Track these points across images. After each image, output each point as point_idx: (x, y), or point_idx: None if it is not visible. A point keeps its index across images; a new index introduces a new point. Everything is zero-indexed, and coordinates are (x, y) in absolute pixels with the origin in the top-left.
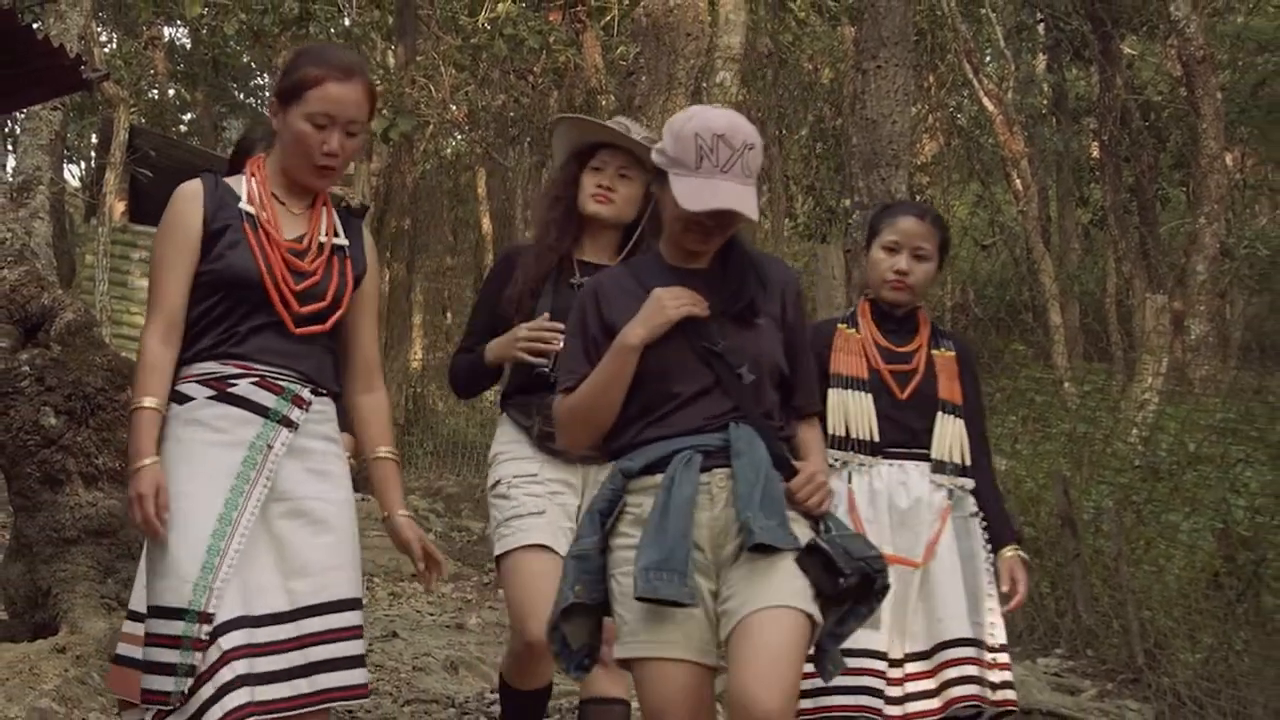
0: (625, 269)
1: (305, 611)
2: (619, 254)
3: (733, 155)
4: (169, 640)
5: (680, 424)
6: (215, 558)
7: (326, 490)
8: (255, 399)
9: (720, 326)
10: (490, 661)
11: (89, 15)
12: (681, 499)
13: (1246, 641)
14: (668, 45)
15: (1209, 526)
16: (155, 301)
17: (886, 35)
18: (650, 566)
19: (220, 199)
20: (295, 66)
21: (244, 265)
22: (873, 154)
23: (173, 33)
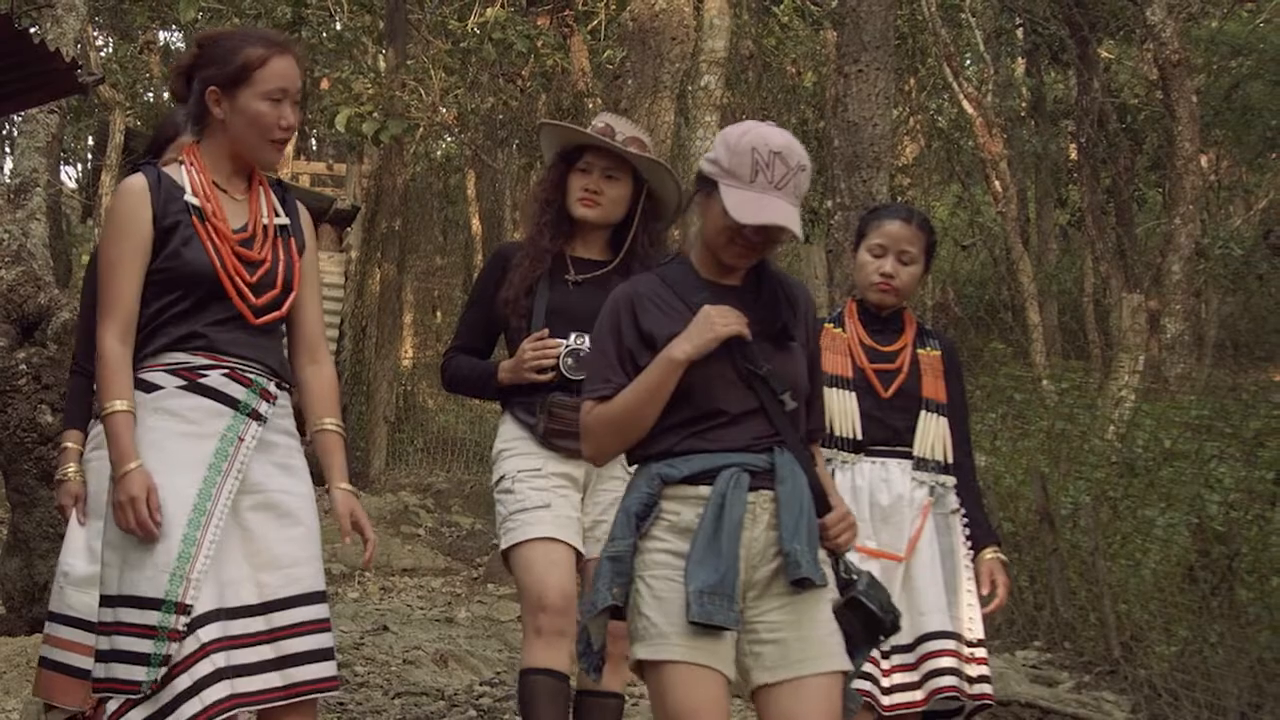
0: (658, 279)
1: (276, 604)
2: (611, 250)
3: (787, 173)
4: (142, 630)
5: (726, 440)
6: (191, 547)
7: (293, 484)
8: (226, 390)
9: (760, 347)
10: (479, 654)
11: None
12: (733, 520)
13: (1220, 634)
14: (653, 49)
15: (1184, 521)
16: (110, 301)
17: (868, 40)
18: (705, 590)
19: (167, 193)
20: (231, 50)
21: (199, 262)
22: (855, 156)
23: (168, 37)
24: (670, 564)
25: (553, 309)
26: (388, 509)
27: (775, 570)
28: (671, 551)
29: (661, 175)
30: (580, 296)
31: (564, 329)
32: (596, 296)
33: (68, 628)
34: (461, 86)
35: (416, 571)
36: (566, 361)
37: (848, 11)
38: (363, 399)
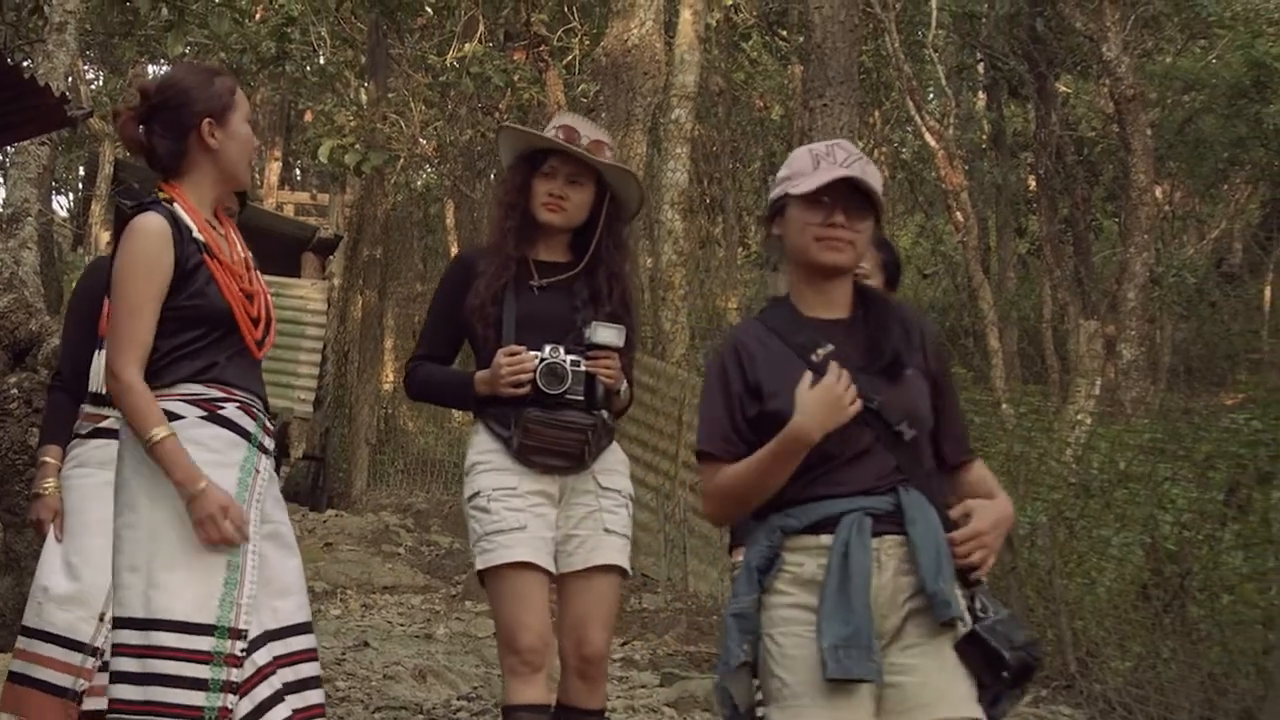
0: (761, 323)
1: (292, 630)
2: (573, 252)
3: (849, 156)
4: (193, 655)
5: (845, 484)
6: (236, 573)
7: (285, 517)
8: (240, 423)
9: (870, 380)
10: (457, 670)
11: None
12: (860, 568)
13: (1173, 650)
14: (626, 83)
15: (1138, 541)
16: (132, 337)
17: (832, 75)
18: (839, 644)
19: (182, 234)
20: (205, 84)
21: (220, 302)
22: None
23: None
24: (797, 619)
25: (521, 316)
26: (369, 528)
27: (905, 616)
28: (798, 605)
29: (625, 179)
30: (546, 301)
31: (535, 337)
32: (562, 300)
33: (47, 644)
34: (441, 119)
35: (397, 589)
36: (542, 374)
37: (813, 48)
38: (345, 422)
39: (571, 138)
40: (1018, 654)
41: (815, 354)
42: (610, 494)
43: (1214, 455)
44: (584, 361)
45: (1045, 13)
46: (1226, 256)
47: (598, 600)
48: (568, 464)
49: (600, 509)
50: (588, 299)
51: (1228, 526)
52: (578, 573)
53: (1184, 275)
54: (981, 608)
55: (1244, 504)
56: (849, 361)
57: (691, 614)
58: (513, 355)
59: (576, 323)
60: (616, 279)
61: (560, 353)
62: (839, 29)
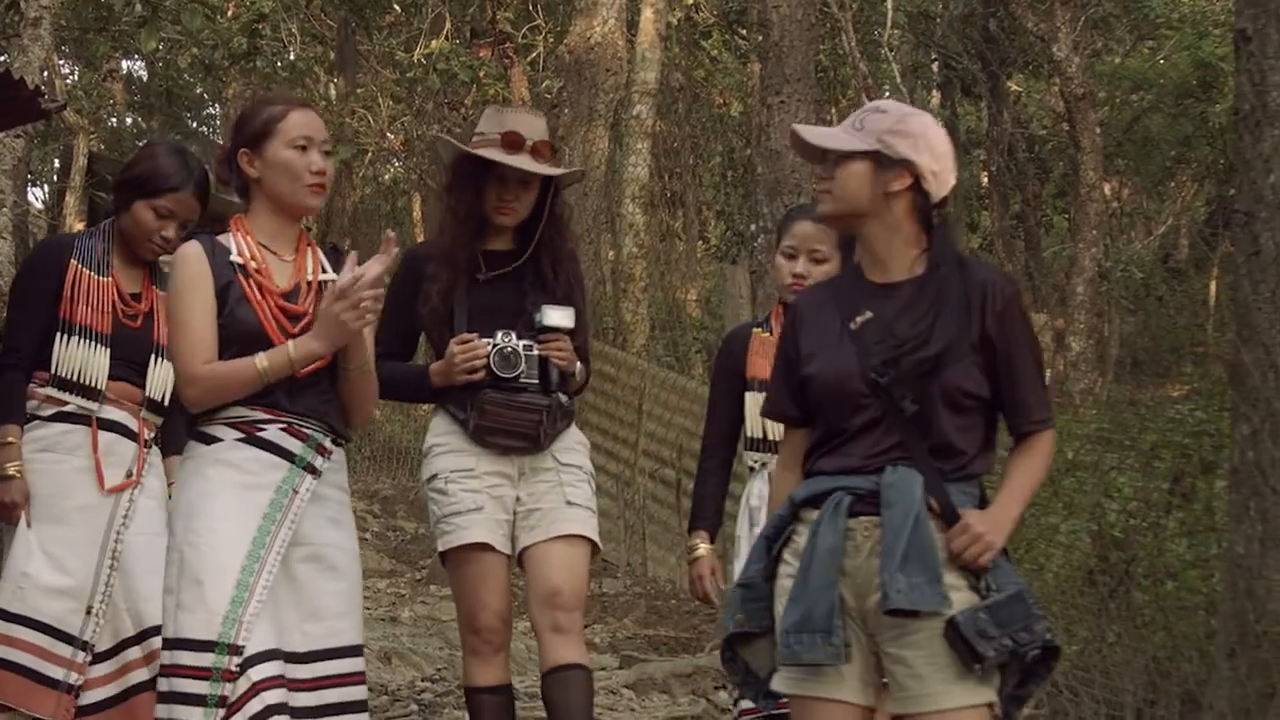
0: (828, 287)
1: (319, 655)
2: (517, 240)
3: (862, 114)
4: (198, 672)
5: (844, 459)
6: (244, 592)
7: (341, 539)
8: (283, 444)
9: (894, 350)
10: (421, 652)
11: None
12: (823, 549)
13: (1118, 634)
14: (589, 80)
15: (1085, 528)
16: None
17: (789, 73)
18: (791, 629)
19: (218, 256)
20: (253, 114)
21: (246, 319)
22: (777, 182)
23: (130, 65)
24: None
25: (472, 308)
26: None
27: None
28: (792, 576)
29: (573, 177)
30: (495, 291)
31: (487, 326)
32: (511, 288)
33: (33, 631)
34: (408, 114)
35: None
36: (495, 360)
37: (771, 46)
38: None
39: (515, 142)
40: (996, 644)
41: (854, 321)
42: (570, 469)
43: (1159, 445)
44: (536, 345)
45: (998, 13)
46: (1173, 252)
47: (564, 557)
48: (524, 444)
49: (561, 483)
50: (535, 284)
51: (1172, 514)
52: (542, 543)
53: (1131, 270)
54: (987, 587)
55: (1188, 493)
56: (888, 331)
57: (650, 598)
58: (464, 343)
59: (526, 309)
60: (561, 263)
61: (512, 338)
62: (796, 28)
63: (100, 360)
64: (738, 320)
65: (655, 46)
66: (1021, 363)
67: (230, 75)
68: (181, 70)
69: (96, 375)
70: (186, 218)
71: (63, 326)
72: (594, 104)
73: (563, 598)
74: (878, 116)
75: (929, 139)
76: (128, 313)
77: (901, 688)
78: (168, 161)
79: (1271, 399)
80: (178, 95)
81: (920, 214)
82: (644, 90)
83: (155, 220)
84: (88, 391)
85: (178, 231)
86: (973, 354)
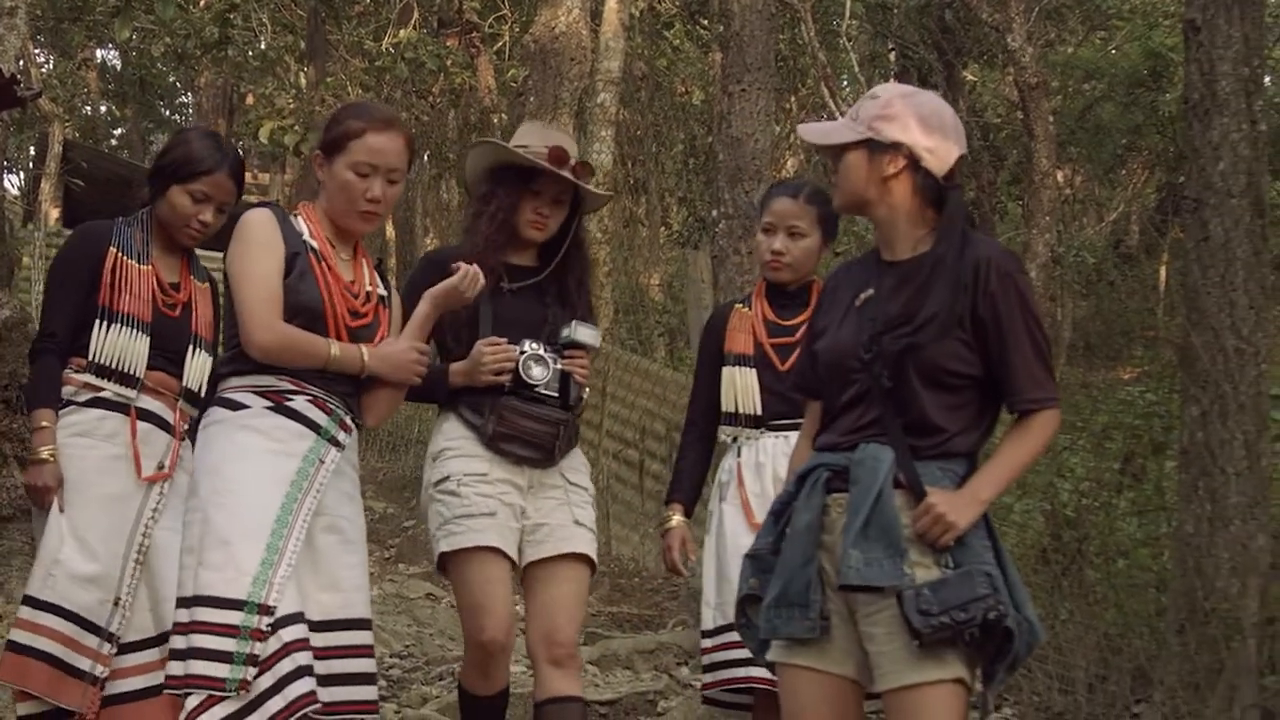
0: (852, 265)
1: (331, 625)
2: (538, 256)
3: (859, 104)
4: (224, 629)
5: (831, 435)
6: (274, 554)
7: (355, 514)
8: (310, 415)
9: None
10: (390, 629)
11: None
12: (801, 525)
13: (1070, 611)
14: (554, 69)
15: (1038, 508)
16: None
17: (750, 62)
18: (771, 603)
19: (287, 226)
20: (339, 120)
21: (311, 295)
22: (737, 169)
23: (104, 54)
24: None
25: (497, 318)
26: None
27: None
28: None
29: (603, 200)
30: (518, 303)
31: (511, 337)
32: (533, 302)
33: (62, 619)
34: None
35: None
36: (527, 369)
37: (732, 36)
38: None
39: (561, 158)
40: (933, 619)
41: (858, 298)
42: (577, 489)
43: (1110, 426)
44: (560, 360)
45: (954, 4)
46: (1124, 238)
47: (566, 589)
48: (537, 456)
49: (570, 502)
50: (557, 300)
51: (1123, 494)
52: (546, 560)
53: (1084, 255)
54: (945, 565)
55: (1138, 473)
56: (885, 309)
57: (614, 576)
58: (495, 345)
59: (547, 322)
60: (583, 285)
61: (541, 347)
62: (756, 18)
63: (140, 348)
64: (699, 303)
65: (619, 36)
66: (1015, 340)
67: (202, 64)
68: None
69: (135, 363)
70: (223, 200)
71: (103, 313)
72: (559, 92)
73: (562, 634)
74: (869, 104)
75: (919, 117)
76: (167, 302)
77: (877, 663)
78: (201, 145)
79: (1220, 381)
80: (151, 84)
81: (925, 191)
82: (608, 79)
83: (192, 205)
84: (126, 379)
85: (215, 215)
86: (961, 331)
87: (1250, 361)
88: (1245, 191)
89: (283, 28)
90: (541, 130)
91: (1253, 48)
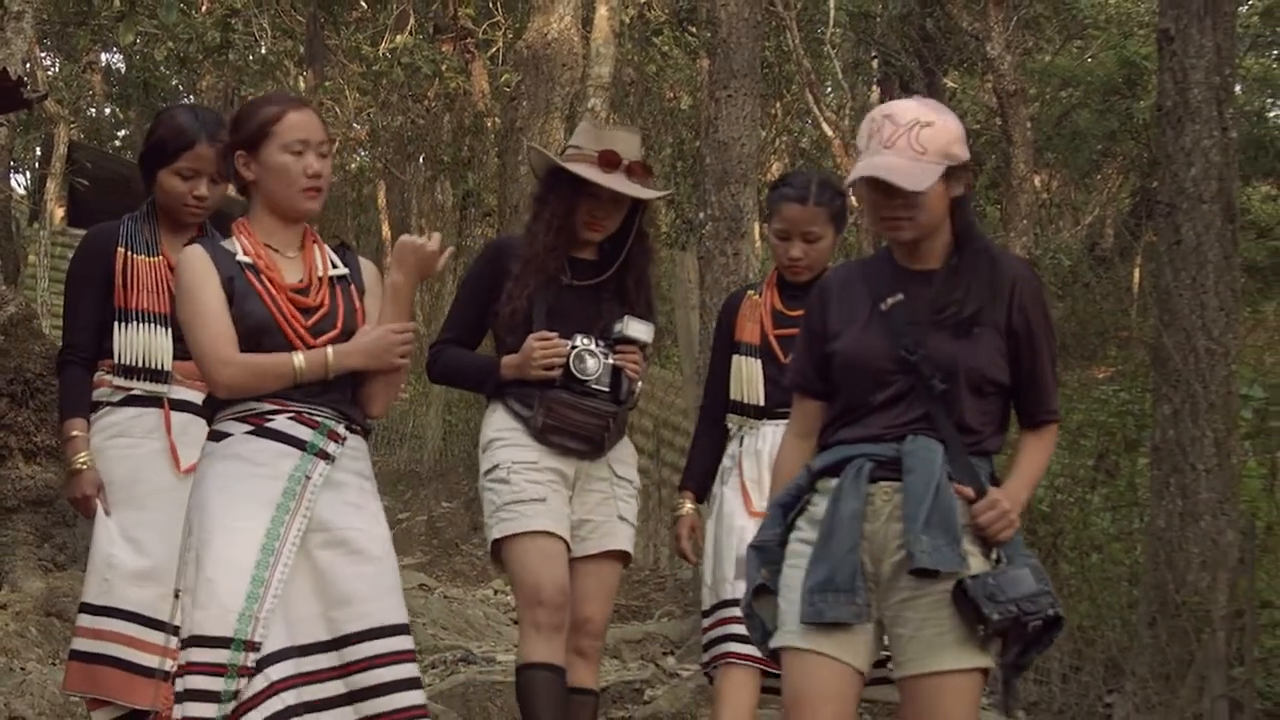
0: (857, 268)
1: (348, 639)
2: (601, 251)
3: (897, 131)
4: (213, 668)
5: (865, 429)
6: (259, 588)
7: (364, 522)
8: (292, 433)
9: (929, 332)
10: None
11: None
12: (847, 513)
13: None
14: (546, 74)
15: None
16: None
17: (736, 68)
18: (815, 588)
19: (222, 257)
20: (249, 115)
21: (258, 312)
22: (724, 172)
23: (109, 58)
24: (802, 553)
25: (551, 312)
26: None
27: (898, 563)
28: (805, 541)
29: (662, 199)
30: (576, 299)
31: (563, 330)
32: (590, 298)
33: (124, 622)
34: (373, 106)
35: None
36: (578, 363)
37: (719, 42)
38: None
39: (612, 161)
40: (1003, 608)
41: (885, 302)
42: (624, 483)
43: (1085, 424)
44: (612, 355)
45: (935, 13)
46: (1099, 241)
47: (602, 583)
48: (586, 448)
49: (615, 496)
50: (615, 297)
51: (1097, 490)
52: (589, 556)
53: (1060, 258)
54: (998, 558)
55: (1112, 469)
56: (917, 313)
57: None
58: (545, 340)
59: (602, 318)
60: (643, 282)
61: (593, 342)
62: (743, 25)
63: (162, 341)
64: (686, 302)
65: (609, 42)
66: (1042, 354)
67: (204, 68)
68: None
69: (161, 357)
70: (212, 171)
71: (120, 314)
72: (551, 97)
73: (593, 624)
74: (930, 132)
75: (960, 129)
76: None
77: (903, 650)
78: (175, 124)
79: (1191, 381)
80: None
81: (951, 201)
82: (598, 84)
83: (182, 183)
84: (154, 375)
85: (209, 187)
86: (999, 339)
87: (1220, 362)
88: (1216, 197)
89: (282, 33)
90: (595, 131)
91: (1224, 57)
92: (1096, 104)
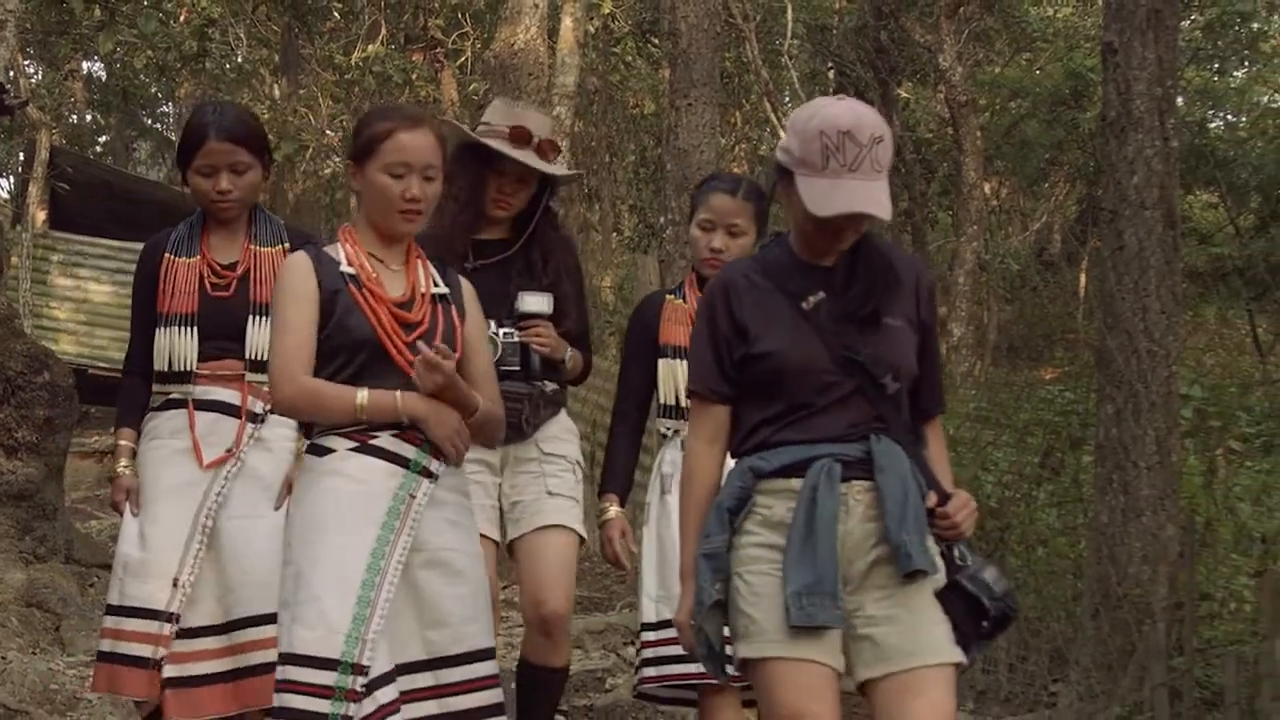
0: (756, 263)
1: (443, 661)
2: (509, 229)
3: (860, 152)
4: (319, 690)
5: (820, 430)
6: (366, 608)
7: (461, 541)
8: (397, 450)
9: (854, 330)
10: None
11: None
12: (826, 514)
13: None
14: (513, 83)
15: None
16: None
17: (696, 78)
18: (802, 591)
19: (326, 266)
20: (365, 125)
21: (360, 327)
22: (684, 178)
23: (90, 66)
24: (765, 558)
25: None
26: None
27: (873, 562)
28: (765, 545)
29: (571, 178)
30: (481, 280)
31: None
32: (499, 277)
33: (132, 619)
34: (346, 113)
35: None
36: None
37: (680, 53)
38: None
39: (523, 137)
40: (997, 603)
41: (806, 301)
42: (554, 459)
43: (1032, 423)
44: (517, 332)
45: (889, 26)
46: (1047, 247)
47: (550, 560)
48: (506, 433)
49: (544, 474)
50: (523, 273)
51: (1043, 486)
52: (526, 536)
53: (1009, 263)
54: (960, 556)
55: (1057, 466)
56: (836, 310)
57: None
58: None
59: (509, 298)
60: (551, 253)
61: (491, 325)
62: (703, 36)
63: (185, 342)
64: None
65: (574, 52)
66: (934, 346)
67: (182, 76)
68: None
69: (185, 358)
70: (230, 164)
71: (158, 320)
72: None
73: (549, 607)
74: (882, 148)
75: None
76: (218, 284)
77: (876, 649)
78: (190, 122)
79: (1133, 381)
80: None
81: None
82: (564, 93)
83: (204, 180)
84: (180, 377)
85: (230, 180)
86: (912, 333)
87: (1161, 363)
88: (1158, 204)
89: (258, 42)
90: (507, 108)
91: (1166, 69)
92: (1044, 114)
